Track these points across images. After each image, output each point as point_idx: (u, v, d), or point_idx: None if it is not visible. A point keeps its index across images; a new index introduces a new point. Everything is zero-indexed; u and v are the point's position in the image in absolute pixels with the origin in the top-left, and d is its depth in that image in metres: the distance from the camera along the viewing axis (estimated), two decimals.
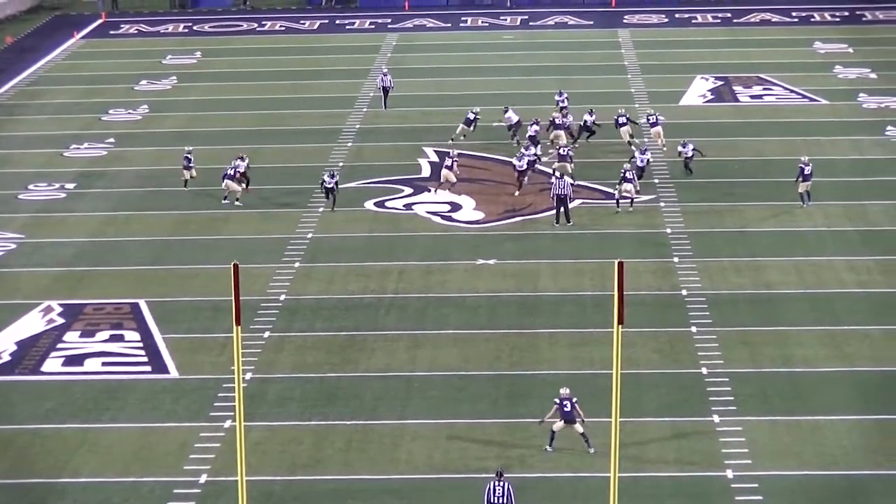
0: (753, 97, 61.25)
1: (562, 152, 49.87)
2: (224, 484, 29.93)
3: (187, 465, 31.07)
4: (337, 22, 79.46)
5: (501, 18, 79.44)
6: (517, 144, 52.74)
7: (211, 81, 66.50)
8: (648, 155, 49.56)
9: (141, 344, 37.69)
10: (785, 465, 30.67)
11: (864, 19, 77.68)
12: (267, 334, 38.04)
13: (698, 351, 36.44)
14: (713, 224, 45.85)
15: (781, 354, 36.22)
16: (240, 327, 24.47)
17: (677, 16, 79.05)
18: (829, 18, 77.66)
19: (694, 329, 37.81)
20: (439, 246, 44.57)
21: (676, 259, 42.92)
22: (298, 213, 47.33)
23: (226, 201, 48.04)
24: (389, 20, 78.98)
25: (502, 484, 27.95)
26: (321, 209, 47.74)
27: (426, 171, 51.68)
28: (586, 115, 53.96)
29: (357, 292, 40.90)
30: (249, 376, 35.36)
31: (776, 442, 31.70)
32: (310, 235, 45.54)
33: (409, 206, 48.17)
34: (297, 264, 43.17)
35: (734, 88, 62.52)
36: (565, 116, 53.90)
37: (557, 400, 31.34)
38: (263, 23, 79.59)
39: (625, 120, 53.74)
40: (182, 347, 37.34)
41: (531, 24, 77.73)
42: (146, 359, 36.83)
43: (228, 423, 32.71)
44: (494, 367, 35.76)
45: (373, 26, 77.89)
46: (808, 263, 42.38)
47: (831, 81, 63.60)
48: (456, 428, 32.53)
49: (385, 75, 60.69)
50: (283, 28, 78.36)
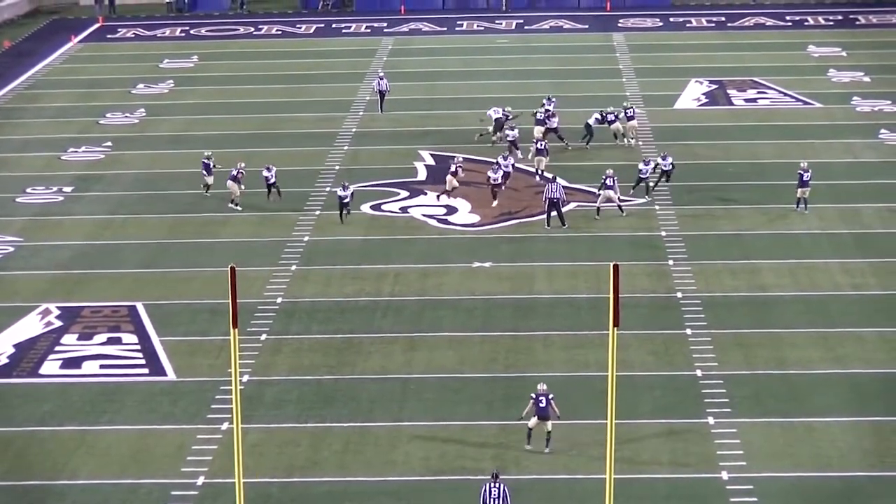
0: (748, 100, 61.33)
1: (539, 146, 50.52)
2: (221, 486, 30.08)
3: (185, 468, 31.21)
4: (333, 26, 79.48)
5: (497, 22, 79.48)
6: (493, 144, 53.66)
7: (208, 85, 66.52)
8: (670, 159, 48.45)
9: (138, 346, 37.80)
10: (780, 467, 30.82)
11: (858, 23, 77.74)
12: (264, 337, 38.16)
13: (693, 353, 36.58)
14: (708, 227, 45.97)
15: (776, 356, 36.36)
16: (237, 330, 24.64)
17: (672, 20, 79.11)
18: (823, 22, 77.72)
19: (689, 331, 37.94)
20: (435, 249, 44.69)
21: (671, 262, 43.05)
22: (295, 216, 47.43)
23: (232, 204, 48.03)
24: (385, 24, 79.00)
25: (498, 486, 28.09)
26: (317, 212, 47.87)
27: (422, 175, 51.81)
28: (591, 119, 54.42)
29: (353, 295, 41.02)
30: (246, 379, 35.49)
31: (771, 444, 31.85)
32: (306, 238, 45.65)
33: (405, 210, 48.30)
34: (294, 267, 43.28)
35: (728, 92, 62.60)
36: (551, 117, 53.93)
37: (534, 395, 31.53)
38: (260, 27, 79.60)
39: (613, 118, 54.24)
40: (179, 350, 37.45)
41: (526, 28, 77.78)
42: (144, 361, 36.94)
43: (226, 426, 32.84)
44: (490, 370, 35.89)
45: (369, 30, 77.92)
46: (803, 266, 42.52)
47: (825, 85, 63.67)
48: (452, 430, 32.67)
49: (381, 79, 60.75)
50: (280, 32, 78.39)
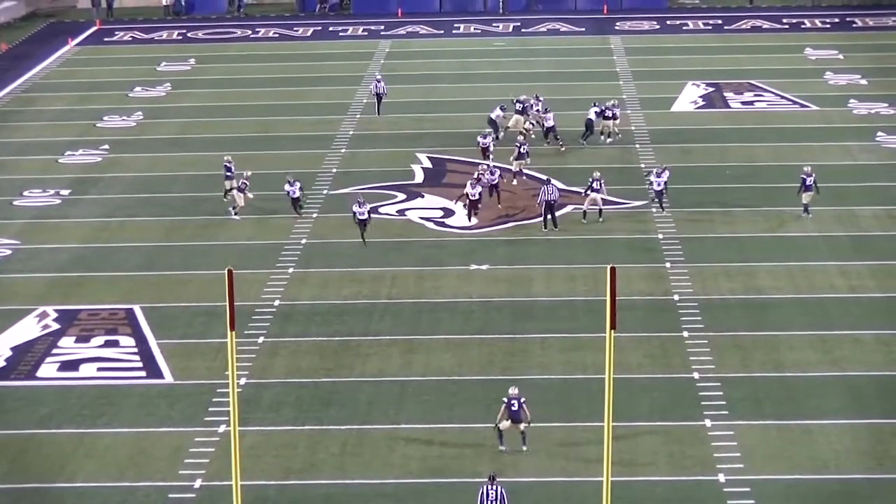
0: (744, 103, 61.39)
1: (522, 150, 50.83)
2: (219, 488, 30.09)
3: (182, 470, 31.21)
4: (330, 29, 79.52)
5: (494, 25, 79.53)
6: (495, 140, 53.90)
7: (205, 88, 66.55)
8: (665, 176, 47.03)
9: (136, 349, 37.80)
10: (777, 469, 30.84)
11: (855, 26, 77.84)
12: (261, 339, 38.17)
13: (690, 355, 36.60)
14: (705, 229, 46.00)
15: (773, 359, 36.39)
16: (234, 332, 24.63)
17: (668, 22, 79.18)
18: (820, 25, 77.84)
19: (686, 334, 37.97)
20: (432, 251, 44.70)
21: (668, 264, 43.07)
22: (292, 219, 47.44)
23: (232, 212, 47.64)
24: (382, 27, 79.03)
25: (495, 488, 28.12)
26: (315, 215, 47.89)
27: (419, 177, 51.83)
28: (591, 115, 54.65)
29: (351, 297, 41.03)
30: (244, 381, 35.49)
31: (768, 446, 31.87)
32: (303, 241, 45.66)
33: (403, 212, 48.33)
34: (291, 270, 43.29)
35: (725, 95, 62.65)
36: (546, 112, 54.29)
37: (506, 399, 31.64)
38: (257, 30, 79.62)
39: (611, 114, 54.73)
40: (177, 353, 37.45)
41: (523, 31, 77.83)
42: (141, 364, 36.95)
43: (223, 428, 32.85)
44: (488, 372, 35.91)
45: (366, 33, 77.96)
46: (800, 268, 42.55)
47: (822, 88, 63.73)
48: (449, 432, 32.69)
49: (378, 82, 60.78)
50: (277, 35, 78.42)
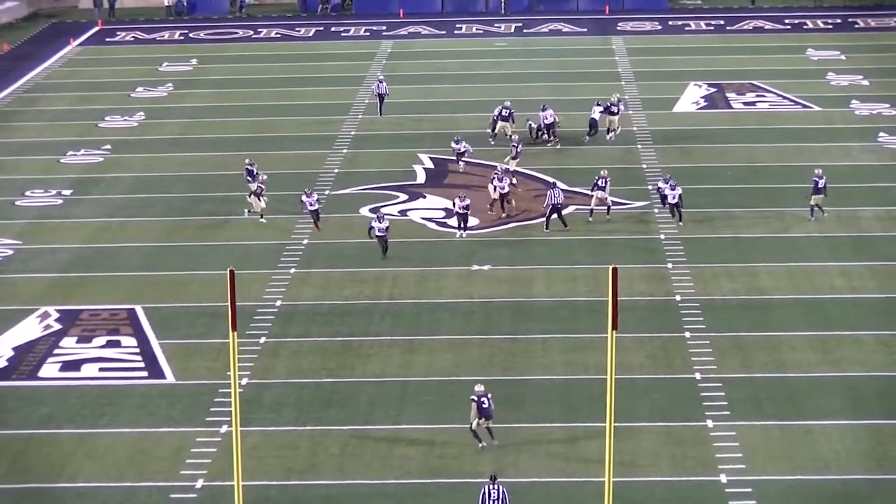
0: (746, 104, 61.37)
1: (518, 150, 51.10)
2: (220, 489, 30.11)
3: (184, 470, 31.23)
4: (332, 29, 79.51)
5: (496, 25, 79.52)
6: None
7: (207, 88, 66.56)
8: (679, 190, 46.00)
9: (137, 349, 37.82)
10: (778, 470, 30.85)
11: (857, 26, 77.82)
12: (263, 340, 38.18)
13: (692, 356, 36.60)
14: (706, 230, 45.99)
15: (774, 359, 36.39)
16: (236, 333, 24.65)
17: (670, 23, 79.16)
18: (822, 26, 77.81)
19: (687, 334, 37.97)
20: (434, 252, 44.71)
21: (670, 265, 43.07)
22: (294, 220, 47.45)
23: (258, 217, 47.46)
24: (384, 27, 79.02)
25: (496, 488, 28.15)
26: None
27: (421, 178, 51.84)
28: (594, 114, 54.99)
29: (352, 298, 41.04)
30: (245, 381, 35.50)
31: (769, 446, 31.88)
32: (305, 241, 45.67)
33: (404, 213, 48.33)
34: (293, 270, 43.30)
35: (727, 95, 62.64)
36: (545, 109, 54.69)
37: (475, 398, 31.67)
38: (259, 30, 79.64)
39: (616, 109, 55.11)
40: (178, 353, 37.47)
41: (525, 32, 77.80)
42: (143, 364, 36.96)
43: (224, 429, 32.86)
44: (488, 373, 35.86)
45: (368, 33, 77.96)
46: (801, 269, 42.53)
47: (824, 88, 63.71)
48: (450, 433, 32.67)
49: (381, 82, 60.75)
50: (279, 35, 78.42)
